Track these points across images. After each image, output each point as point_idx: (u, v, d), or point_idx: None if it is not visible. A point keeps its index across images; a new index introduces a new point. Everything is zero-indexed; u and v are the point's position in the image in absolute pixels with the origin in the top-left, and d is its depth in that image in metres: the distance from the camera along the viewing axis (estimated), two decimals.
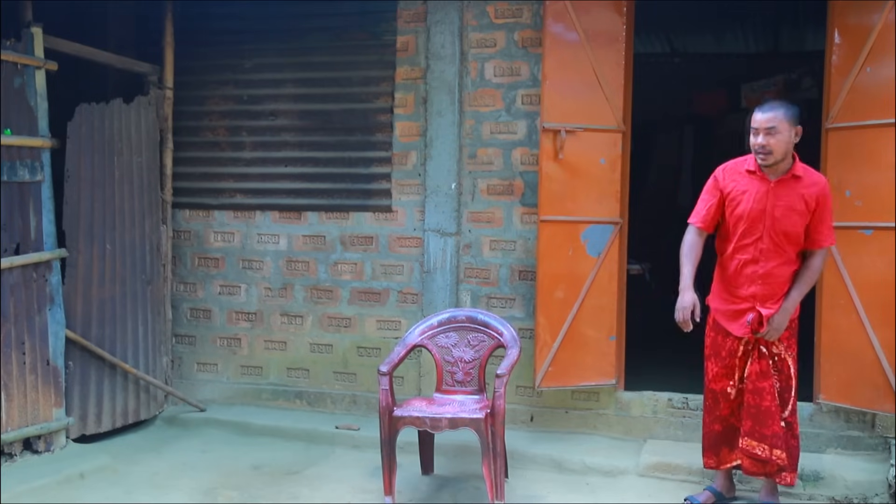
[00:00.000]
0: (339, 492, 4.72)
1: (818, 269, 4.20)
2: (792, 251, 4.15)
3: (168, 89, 5.95)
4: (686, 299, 4.41)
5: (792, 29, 7.87)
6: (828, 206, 4.13)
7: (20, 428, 4.93)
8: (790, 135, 4.06)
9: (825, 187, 4.15)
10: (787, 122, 4.05)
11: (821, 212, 4.11)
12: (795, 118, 4.09)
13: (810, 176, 4.15)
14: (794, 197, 4.11)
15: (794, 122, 4.07)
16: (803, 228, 4.13)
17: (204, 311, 6.31)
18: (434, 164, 5.72)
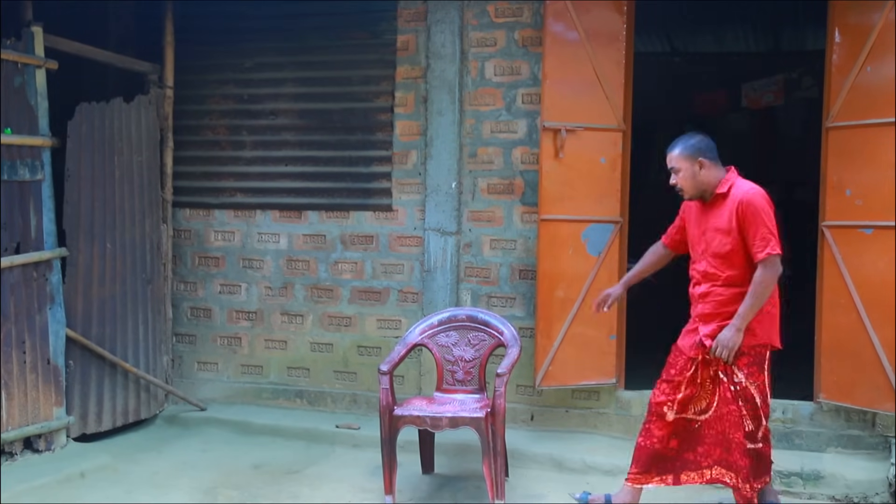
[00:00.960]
0: (339, 491, 4.72)
1: (762, 283, 3.89)
2: (729, 271, 4.00)
3: (168, 88, 5.95)
4: (609, 288, 4.56)
5: (792, 28, 7.87)
6: (752, 218, 3.90)
7: (21, 427, 4.93)
8: (693, 168, 4.05)
9: (746, 200, 3.93)
10: (683, 159, 4.07)
11: (746, 226, 3.92)
12: (693, 151, 4.06)
13: (735, 191, 4.00)
14: (721, 216, 4.03)
15: (692, 155, 4.05)
16: (735, 246, 3.97)
17: (204, 311, 6.31)
18: (434, 163, 5.72)
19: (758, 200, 3.94)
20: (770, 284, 3.92)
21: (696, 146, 4.08)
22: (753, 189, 4.00)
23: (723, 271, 4.02)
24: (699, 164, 4.05)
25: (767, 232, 3.89)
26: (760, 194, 3.99)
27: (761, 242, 3.89)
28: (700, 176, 4.06)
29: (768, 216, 3.93)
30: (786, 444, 5.10)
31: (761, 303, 3.93)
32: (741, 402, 4.01)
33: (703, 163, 4.05)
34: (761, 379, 4.02)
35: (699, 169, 4.05)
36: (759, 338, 4.01)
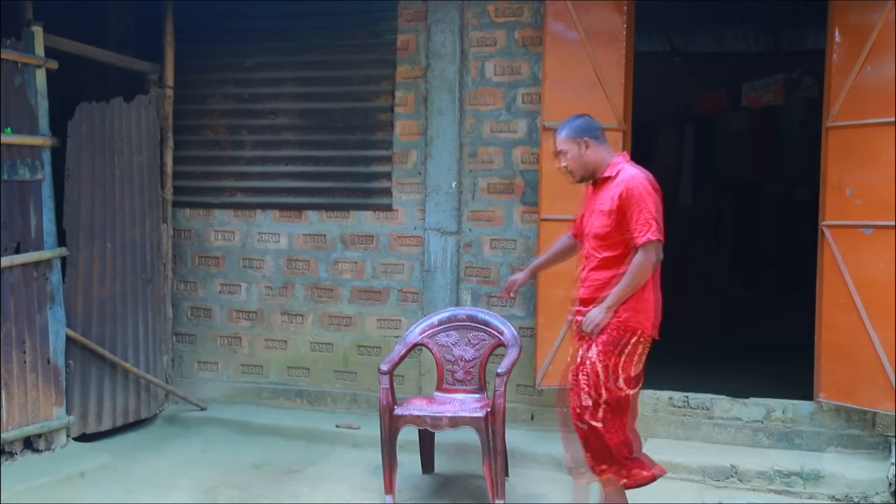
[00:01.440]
0: (339, 491, 4.72)
1: (638, 267, 3.85)
2: (605, 254, 3.98)
3: (168, 88, 5.95)
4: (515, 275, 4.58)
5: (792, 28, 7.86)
6: (635, 202, 3.84)
7: (21, 427, 4.93)
8: (579, 149, 4.02)
9: (629, 184, 3.88)
10: (568, 139, 4.04)
11: (626, 209, 3.86)
12: (577, 131, 4.03)
13: (621, 175, 3.96)
14: (605, 198, 3.99)
15: (576, 135, 4.03)
16: (613, 229, 3.93)
17: (204, 310, 6.31)
18: (434, 162, 5.72)
19: (642, 185, 3.89)
20: (647, 269, 3.87)
21: (580, 126, 4.05)
22: (640, 174, 3.96)
23: (600, 253, 4.00)
24: (584, 144, 4.02)
25: (650, 217, 3.84)
26: (646, 179, 3.94)
27: (643, 227, 3.83)
28: (586, 156, 4.03)
29: (652, 201, 3.87)
30: (786, 444, 5.11)
31: (635, 286, 3.88)
32: (583, 376, 3.98)
33: (588, 142, 4.02)
34: (615, 361, 3.94)
35: (584, 149, 4.02)
36: (623, 320, 3.93)
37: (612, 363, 3.95)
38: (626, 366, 3.97)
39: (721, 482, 4.80)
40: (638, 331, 3.97)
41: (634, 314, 3.94)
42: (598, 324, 3.94)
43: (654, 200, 3.90)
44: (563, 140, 4.07)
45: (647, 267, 3.87)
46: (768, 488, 4.73)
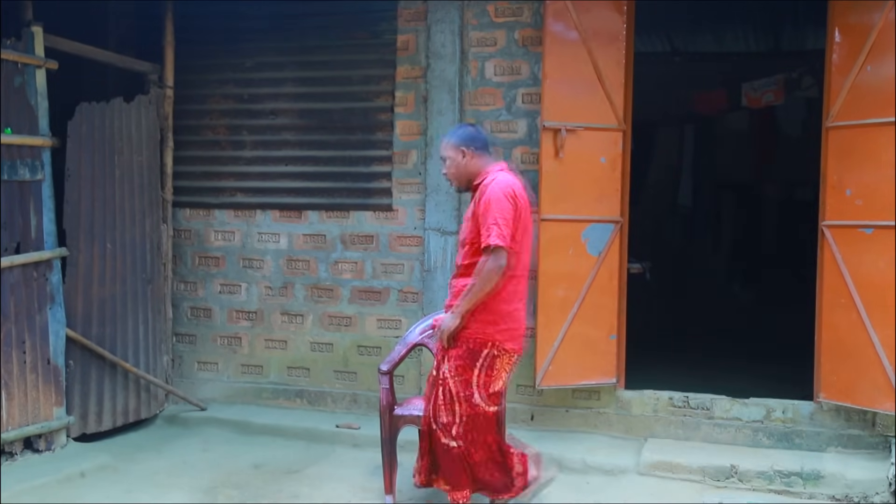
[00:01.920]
0: (339, 491, 4.72)
1: (484, 272, 3.80)
2: (467, 261, 3.95)
3: (168, 88, 5.95)
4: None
5: (792, 28, 7.86)
6: (489, 207, 3.81)
7: (21, 427, 4.93)
8: (459, 157, 4.02)
9: (487, 189, 3.87)
10: (451, 147, 4.05)
11: (482, 213, 3.83)
12: (460, 140, 4.04)
13: (485, 181, 3.95)
14: (470, 206, 4.00)
15: (459, 144, 4.03)
16: (474, 235, 3.91)
17: (204, 310, 6.31)
18: (434, 162, 5.71)
19: (497, 191, 3.85)
20: (492, 273, 3.79)
21: (464, 135, 4.07)
22: (501, 181, 3.91)
23: (463, 260, 3.99)
24: (463, 154, 4.02)
25: (499, 221, 3.78)
26: (504, 186, 3.88)
27: (490, 230, 3.78)
28: (464, 166, 4.03)
29: (504, 208, 3.82)
30: (786, 444, 5.11)
31: (482, 291, 3.82)
32: (440, 391, 3.94)
33: (468, 153, 4.02)
34: (467, 375, 3.89)
35: (463, 159, 4.03)
36: (472, 332, 3.88)
37: (466, 378, 3.89)
38: (484, 381, 3.89)
39: (721, 482, 4.80)
40: (488, 343, 3.89)
41: (483, 326, 3.87)
42: (446, 331, 3.90)
43: (507, 207, 3.83)
44: (445, 146, 4.09)
45: (491, 271, 3.79)
46: (768, 488, 4.73)
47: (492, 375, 3.92)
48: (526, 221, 3.96)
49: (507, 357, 3.95)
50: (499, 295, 3.88)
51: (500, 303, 3.89)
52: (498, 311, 3.89)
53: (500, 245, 3.77)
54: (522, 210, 3.92)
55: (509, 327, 3.93)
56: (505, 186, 3.87)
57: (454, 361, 3.91)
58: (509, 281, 3.90)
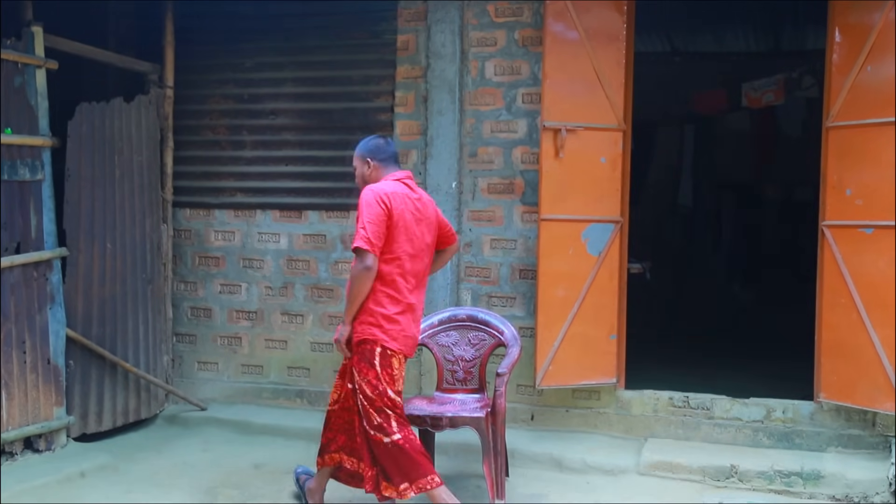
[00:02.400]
0: (340, 490, 4.71)
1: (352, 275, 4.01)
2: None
3: (168, 88, 5.95)
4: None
5: (792, 28, 7.86)
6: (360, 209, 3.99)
7: (21, 427, 4.93)
8: (365, 167, 4.24)
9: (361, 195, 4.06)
10: (357, 158, 4.28)
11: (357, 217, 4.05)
12: (367, 151, 4.24)
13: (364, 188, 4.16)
14: None
15: (365, 155, 4.25)
16: None
17: (204, 310, 6.31)
18: (434, 162, 5.72)
19: (369, 195, 4.01)
20: (358, 274, 3.94)
21: (368, 147, 4.28)
22: (377, 186, 4.07)
23: None
24: (368, 165, 4.23)
25: (365, 224, 3.93)
26: (377, 190, 4.03)
27: (356, 233, 3.96)
28: (367, 176, 4.23)
29: (371, 212, 3.95)
30: (786, 444, 5.11)
31: (354, 292, 3.99)
32: (360, 397, 4.09)
33: (371, 164, 4.22)
34: (371, 374, 4.03)
35: (368, 169, 4.23)
36: (361, 335, 4.04)
37: (371, 377, 4.04)
38: (385, 378, 4.04)
39: (721, 482, 4.80)
40: (371, 340, 4.03)
41: (367, 326, 4.03)
42: (338, 340, 4.11)
43: (375, 211, 3.96)
44: (354, 156, 4.32)
45: (356, 273, 3.95)
46: (768, 488, 4.73)
47: (391, 374, 4.07)
48: (407, 228, 4.06)
49: (397, 356, 4.10)
50: (377, 300, 4.02)
51: (379, 307, 4.03)
52: (378, 314, 4.03)
53: (362, 247, 3.91)
54: (400, 216, 4.02)
55: (393, 328, 4.05)
56: (378, 191, 4.02)
57: (357, 367, 4.08)
58: (389, 286, 4.03)
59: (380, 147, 4.27)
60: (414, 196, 4.16)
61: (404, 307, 4.09)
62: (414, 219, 4.10)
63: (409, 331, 4.12)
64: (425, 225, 4.17)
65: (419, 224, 4.13)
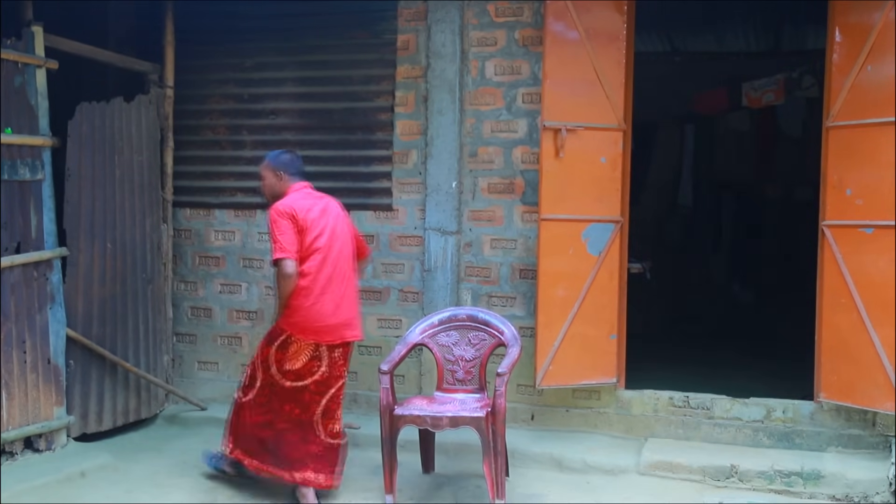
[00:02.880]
0: (339, 490, 4.71)
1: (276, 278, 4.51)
2: None
3: (169, 88, 5.95)
4: None
5: (793, 28, 7.86)
6: (271, 226, 4.47)
7: (21, 426, 4.93)
8: (273, 179, 4.69)
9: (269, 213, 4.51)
10: (267, 169, 4.72)
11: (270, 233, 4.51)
12: (276, 164, 4.70)
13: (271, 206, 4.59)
14: None
15: (276, 168, 4.69)
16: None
17: (205, 310, 6.31)
18: (435, 162, 5.72)
19: (273, 213, 4.50)
20: (281, 281, 4.45)
21: (279, 160, 4.72)
22: (281, 203, 4.53)
23: None
24: (279, 177, 4.68)
25: (278, 238, 4.43)
26: (281, 206, 4.50)
27: (273, 248, 4.47)
28: (275, 186, 4.68)
29: (280, 226, 4.44)
30: (786, 444, 5.11)
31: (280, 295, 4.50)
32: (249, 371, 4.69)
33: (282, 176, 4.67)
34: (266, 351, 4.59)
35: (277, 181, 4.68)
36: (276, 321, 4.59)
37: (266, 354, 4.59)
38: (278, 357, 4.55)
39: (721, 482, 4.80)
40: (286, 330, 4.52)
41: (285, 318, 4.51)
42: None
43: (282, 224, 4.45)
44: (263, 167, 4.75)
45: (279, 280, 4.47)
46: (769, 488, 4.73)
47: (286, 354, 4.54)
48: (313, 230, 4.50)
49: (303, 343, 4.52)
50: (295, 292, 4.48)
51: (295, 298, 4.49)
52: (292, 307, 4.49)
53: (280, 258, 4.41)
54: (304, 221, 4.48)
55: (303, 320, 4.49)
56: (282, 207, 4.51)
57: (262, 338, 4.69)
58: (303, 279, 4.47)
59: (292, 161, 4.75)
60: (317, 196, 4.70)
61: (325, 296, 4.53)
62: (321, 216, 4.57)
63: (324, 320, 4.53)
64: (333, 219, 4.63)
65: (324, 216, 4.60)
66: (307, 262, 4.48)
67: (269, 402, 4.58)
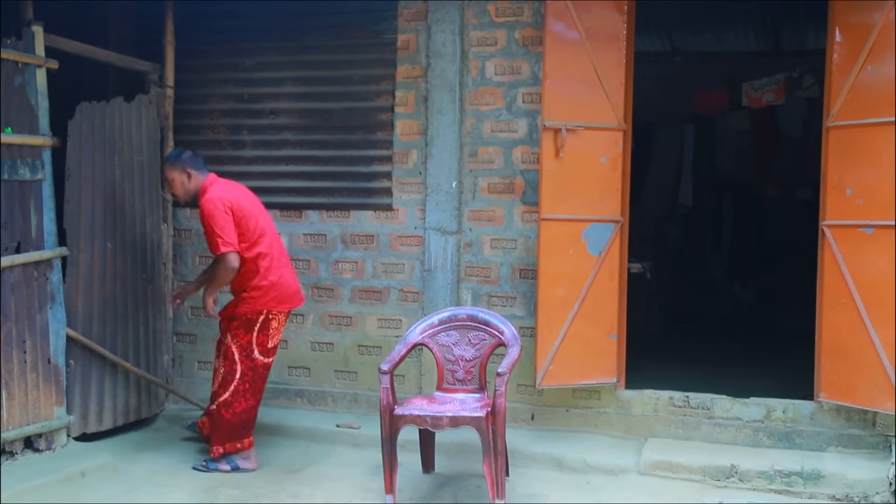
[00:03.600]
0: (339, 490, 4.72)
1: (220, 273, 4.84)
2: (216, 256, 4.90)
3: (169, 88, 5.95)
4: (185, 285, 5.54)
5: (793, 27, 7.86)
6: (211, 221, 4.73)
7: (21, 426, 4.93)
8: (184, 178, 4.93)
9: (202, 209, 4.80)
10: (171, 169, 4.97)
11: (207, 227, 4.79)
12: (180, 163, 4.95)
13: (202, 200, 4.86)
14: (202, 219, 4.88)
15: (183, 167, 4.93)
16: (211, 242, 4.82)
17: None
18: (435, 162, 5.72)
19: (211, 207, 4.75)
20: (226, 273, 4.79)
21: (182, 159, 4.96)
22: (213, 198, 4.80)
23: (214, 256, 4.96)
24: (189, 175, 4.92)
25: (220, 233, 4.72)
26: (216, 200, 4.77)
27: (215, 242, 4.75)
28: (188, 185, 4.93)
29: (216, 222, 4.73)
30: (786, 444, 5.11)
31: (217, 285, 4.90)
32: (221, 359, 5.01)
33: (190, 173, 4.92)
34: (246, 339, 4.93)
35: (188, 179, 4.93)
36: (246, 308, 4.89)
37: (246, 341, 4.92)
38: (261, 339, 4.95)
39: (721, 482, 4.80)
40: (261, 311, 4.90)
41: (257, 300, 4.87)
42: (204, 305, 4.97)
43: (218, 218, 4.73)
44: (167, 169, 5.01)
45: (225, 272, 4.79)
46: (769, 488, 4.73)
47: (267, 334, 4.97)
48: (251, 215, 4.87)
49: (280, 316, 5.00)
50: (259, 274, 4.86)
51: (262, 280, 4.87)
52: (258, 287, 4.87)
53: (226, 252, 4.72)
54: (240, 210, 4.81)
55: (274, 295, 4.92)
56: (217, 201, 4.77)
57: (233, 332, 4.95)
58: (262, 260, 4.87)
59: (193, 157, 4.99)
60: (232, 183, 5.01)
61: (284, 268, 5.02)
62: (248, 201, 4.93)
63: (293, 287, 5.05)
64: (254, 201, 5.01)
65: (249, 200, 4.96)
66: (260, 244, 4.87)
67: (252, 384, 4.98)
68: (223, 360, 5.00)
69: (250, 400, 5.00)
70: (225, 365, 4.98)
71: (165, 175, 4.99)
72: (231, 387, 4.94)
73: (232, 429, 4.97)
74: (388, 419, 4.48)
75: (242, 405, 4.97)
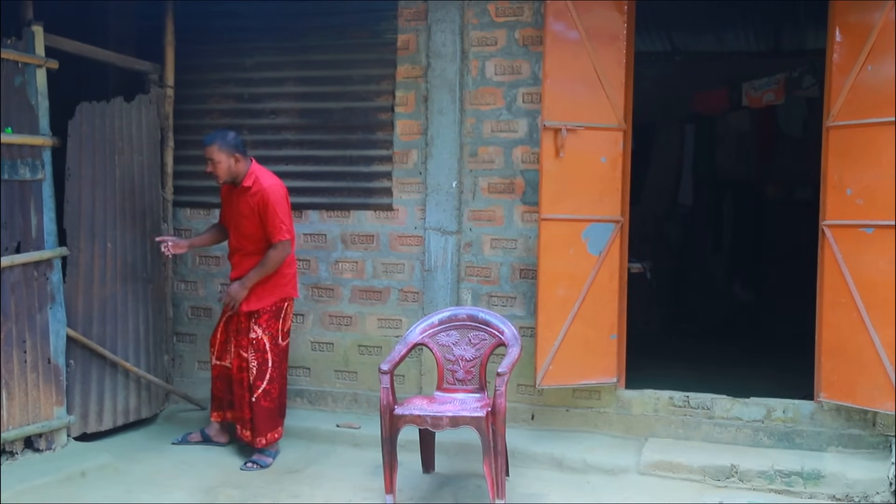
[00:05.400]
0: (339, 490, 4.72)
1: (273, 259, 5.00)
2: (250, 246, 5.09)
3: (169, 88, 5.95)
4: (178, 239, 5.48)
5: (793, 27, 7.87)
6: (269, 209, 4.92)
7: (21, 426, 4.93)
8: (230, 160, 5.01)
9: (264, 195, 4.95)
10: (223, 153, 5.00)
11: (263, 214, 4.95)
12: (230, 146, 5.01)
13: (255, 185, 5.00)
14: (244, 204, 5.04)
15: (229, 150, 5.00)
16: (256, 228, 5.02)
17: (205, 310, 6.31)
18: (435, 162, 5.72)
19: (276, 195, 4.96)
20: (278, 259, 5.00)
21: (233, 142, 5.02)
22: (274, 186, 5.02)
23: (245, 244, 5.12)
24: (236, 159, 5.02)
25: (284, 220, 4.97)
26: (276, 190, 4.99)
27: (275, 230, 4.95)
28: (233, 168, 5.03)
29: (281, 209, 4.97)
30: (786, 444, 5.11)
31: (267, 272, 5.01)
32: (252, 353, 5.07)
33: (238, 157, 5.03)
34: (275, 327, 5.13)
35: (234, 162, 5.02)
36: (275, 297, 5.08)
37: (275, 330, 5.11)
38: (282, 325, 5.17)
39: (721, 482, 4.80)
40: (286, 298, 5.16)
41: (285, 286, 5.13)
42: (235, 299, 5.05)
43: (286, 207, 5.02)
44: (216, 150, 5.00)
45: (278, 258, 5.00)
46: (769, 488, 4.73)
47: (289, 319, 5.25)
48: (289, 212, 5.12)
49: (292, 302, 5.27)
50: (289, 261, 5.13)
51: (290, 266, 5.17)
52: (287, 275, 5.15)
53: (287, 239, 4.99)
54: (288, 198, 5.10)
55: (295, 279, 5.25)
56: (280, 188, 5.04)
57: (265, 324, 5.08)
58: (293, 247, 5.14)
59: (240, 141, 5.09)
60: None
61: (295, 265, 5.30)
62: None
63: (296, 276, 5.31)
64: None
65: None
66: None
67: (279, 369, 5.16)
68: (254, 352, 5.06)
69: (282, 382, 5.22)
70: (257, 357, 5.07)
71: (209, 155, 4.99)
72: (267, 375, 5.08)
73: (271, 415, 5.13)
74: (388, 419, 4.48)
75: (276, 389, 5.15)
